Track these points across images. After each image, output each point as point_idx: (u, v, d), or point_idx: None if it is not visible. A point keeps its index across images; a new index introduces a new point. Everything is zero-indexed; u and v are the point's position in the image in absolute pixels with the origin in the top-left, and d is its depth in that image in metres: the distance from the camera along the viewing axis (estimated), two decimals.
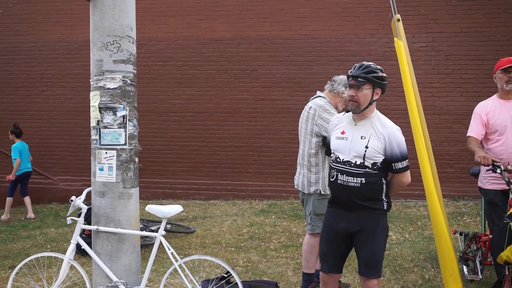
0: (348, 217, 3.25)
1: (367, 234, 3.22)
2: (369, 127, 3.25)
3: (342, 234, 3.29)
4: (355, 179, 3.18)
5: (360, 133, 3.24)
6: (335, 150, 3.31)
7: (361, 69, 3.28)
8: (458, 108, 8.81)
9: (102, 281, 3.83)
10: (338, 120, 3.44)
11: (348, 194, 3.21)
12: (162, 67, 9.78)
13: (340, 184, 3.22)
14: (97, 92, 3.86)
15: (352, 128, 3.28)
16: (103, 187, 3.85)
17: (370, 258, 3.23)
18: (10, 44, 10.25)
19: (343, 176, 3.21)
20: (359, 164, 3.19)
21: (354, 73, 3.27)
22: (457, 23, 8.86)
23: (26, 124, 10.16)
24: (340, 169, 3.24)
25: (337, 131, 3.35)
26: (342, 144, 3.27)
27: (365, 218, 3.22)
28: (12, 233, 7.50)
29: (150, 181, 9.45)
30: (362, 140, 3.21)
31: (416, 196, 8.72)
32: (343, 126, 3.34)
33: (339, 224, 3.27)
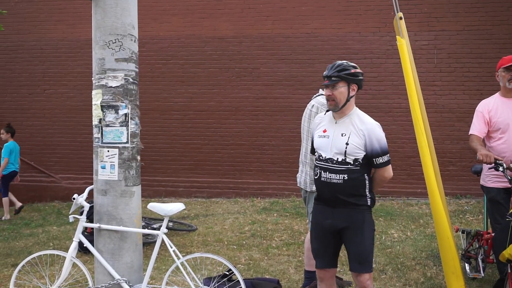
0: (334, 213, 3.30)
1: (354, 230, 3.26)
2: (349, 124, 3.31)
3: (330, 230, 3.33)
4: (337, 175, 3.24)
5: (341, 130, 3.30)
6: (318, 148, 3.38)
7: (333, 68, 3.36)
8: (460, 106, 8.80)
9: (104, 279, 3.84)
10: (320, 119, 3.51)
11: (332, 191, 3.27)
12: (164, 65, 9.79)
13: (324, 181, 3.29)
14: (99, 90, 3.86)
15: (333, 126, 3.35)
16: (105, 185, 3.85)
17: (359, 253, 3.27)
18: (12, 42, 10.26)
19: (326, 173, 3.28)
20: (340, 161, 3.25)
21: (327, 74, 3.35)
22: (460, 21, 8.85)
23: (28, 122, 10.19)
24: (323, 166, 3.30)
25: (320, 129, 3.43)
26: (324, 142, 3.34)
27: (350, 215, 3.27)
28: (14, 231, 7.52)
29: (152, 179, 9.46)
30: (343, 137, 3.27)
31: (418, 194, 8.72)
32: (324, 125, 3.42)
33: (326, 220, 3.33)
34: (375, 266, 5.24)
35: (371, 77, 9.02)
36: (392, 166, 9.92)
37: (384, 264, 5.31)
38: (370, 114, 9.93)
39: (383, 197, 8.83)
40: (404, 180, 8.92)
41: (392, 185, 8.94)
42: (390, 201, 8.54)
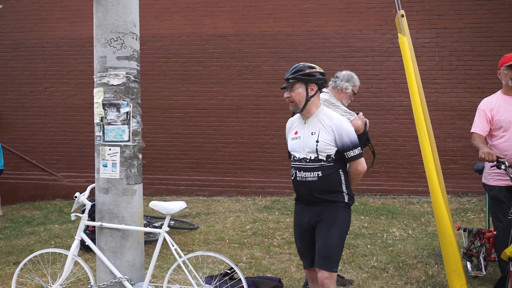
0: (311, 211, 3.36)
1: (324, 225, 3.30)
2: (317, 122, 3.36)
3: (308, 228, 3.39)
4: (312, 173, 3.31)
5: (310, 129, 3.37)
6: (292, 150, 3.45)
7: (290, 71, 3.41)
8: (462, 104, 8.79)
9: (106, 277, 3.85)
10: (291, 122, 3.58)
11: (307, 189, 3.33)
12: (165, 63, 9.78)
13: (300, 180, 3.35)
14: (100, 88, 3.87)
15: (303, 127, 3.42)
16: (107, 183, 3.86)
17: (322, 248, 3.27)
18: (13, 40, 10.26)
19: (301, 172, 3.34)
20: (313, 158, 3.31)
21: (285, 77, 3.42)
22: (462, 19, 8.83)
23: (29, 120, 10.19)
24: (298, 166, 3.37)
25: (292, 132, 3.50)
26: (296, 143, 3.41)
27: (324, 210, 3.32)
28: (16, 229, 7.53)
29: (154, 177, 9.47)
30: (313, 136, 3.33)
31: (419, 193, 8.72)
32: (295, 127, 3.49)
33: (304, 219, 3.39)
34: (376, 265, 5.24)
35: (373, 75, 9.01)
36: (394, 164, 9.89)
37: (385, 263, 5.31)
38: (371, 112, 9.97)
39: (384, 195, 8.82)
40: (406, 178, 8.92)
41: (394, 183, 8.94)
42: (391, 199, 8.53)
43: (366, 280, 4.82)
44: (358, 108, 4.76)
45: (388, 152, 8.98)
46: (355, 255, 5.60)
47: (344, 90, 4.58)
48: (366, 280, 4.80)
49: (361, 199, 8.53)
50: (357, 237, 6.39)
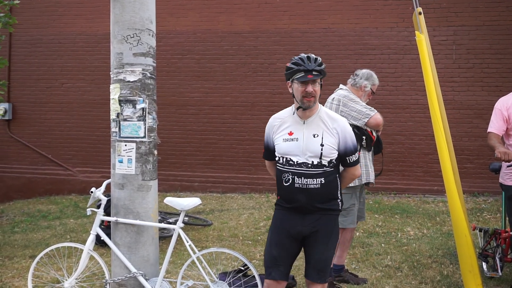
0: (304, 220, 3.08)
1: (321, 236, 3.08)
2: (320, 123, 3.09)
3: (296, 237, 3.12)
4: (314, 180, 3.02)
5: (311, 131, 3.06)
6: (286, 153, 3.08)
7: (313, 62, 3.07)
8: (479, 102, 8.68)
9: (121, 272, 3.87)
10: (280, 121, 3.18)
11: (309, 197, 3.03)
12: (181, 60, 9.81)
13: (298, 187, 3.02)
14: (117, 85, 3.89)
15: (301, 128, 3.09)
16: (123, 179, 3.88)
17: (320, 261, 3.08)
18: (31, 37, 10.37)
19: (301, 179, 3.02)
20: (316, 164, 3.02)
21: (310, 67, 3.04)
22: (479, 16, 8.72)
23: (46, 116, 10.30)
24: (297, 171, 3.03)
25: (283, 132, 3.12)
26: (293, 145, 3.06)
27: (321, 220, 3.08)
28: (32, 223, 7.62)
29: (168, 173, 9.51)
30: (316, 138, 3.04)
31: (434, 192, 8.64)
32: (289, 127, 3.12)
33: (295, 228, 3.09)
34: (390, 264, 5.21)
35: (389, 73, 8.94)
36: (409, 163, 9.82)
37: (400, 262, 5.28)
38: (387, 110, 9.91)
39: (399, 194, 8.76)
40: (421, 177, 8.85)
41: (409, 182, 8.88)
42: (406, 198, 8.47)
43: (380, 279, 4.79)
44: (373, 105, 4.73)
45: (403, 150, 8.92)
46: (369, 254, 5.58)
47: (363, 88, 4.57)
48: (380, 279, 4.78)
49: (376, 197, 8.49)
50: (371, 235, 6.36)
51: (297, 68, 3.05)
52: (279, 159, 3.14)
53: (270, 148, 3.24)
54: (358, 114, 4.33)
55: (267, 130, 3.25)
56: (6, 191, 9.99)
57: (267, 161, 3.40)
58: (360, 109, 4.34)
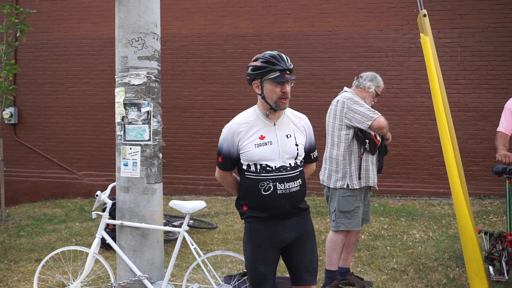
0: (285, 226, 2.89)
1: (306, 239, 2.95)
2: (289, 123, 2.96)
3: (279, 246, 2.92)
4: (295, 183, 2.87)
5: (284, 132, 2.90)
6: (261, 159, 2.83)
7: (289, 61, 2.88)
8: (484, 105, 8.65)
9: (126, 275, 3.88)
10: (246, 125, 2.90)
11: (291, 201, 2.86)
12: (185, 63, 9.83)
13: (281, 194, 2.82)
14: (122, 88, 3.90)
15: (272, 130, 2.89)
16: (128, 182, 3.89)
17: (312, 262, 2.96)
18: (36, 41, 10.41)
19: (283, 184, 2.82)
20: (293, 165, 2.88)
21: (286, 66, 2.83)
22: (484, 18, 8.69)
23: (51, 119, 10.34)
24: (277, 177, 2.82)
25: (253, 137, 2.86)
26: (268, 150, 2.83)
27: (301, 223, 2.94)
28: (38, 227, 7.64)
29: (173, 176, 9.52)
30: (290, 139, 2.89)
31: (440, 194, 8.61)
32: (259, 130, 2.87)
33: (277, 237, 2.89)
34: (396, 267, 5.19)
35: (393, 76, 8.93)
36: (414, 166, 9.80)
37: (405, 265, 5.25)
38: (392, 113, 9.90)
39: (404, 196, 8.74)
40: (426, 180, 8.82)
41: (414, 184, 8.85)
42: (411, 201, 8.44)
43: (385, 282, 4.77)
44: (378, 108, 4.72)
45: (409, 153, 8.89)
46: (374, 257, 5.56)
47: (366, 89, 4.57)
48: (386, 282, 4.76)
49: (381, 200, 8.46)
50: (377, 238, 6.34)
51: (272, 67, 2.82)
52: (248, 167, 2.87)
53: (232, 157, 2.91)
54: (362, 117, 4.32)
55: (227, 138, 2.91)
56: (12, 194, 10.02)
57: (222, 171, 3.05)
58: (363, 112, 4.34)
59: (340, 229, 4.41)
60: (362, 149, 4.39)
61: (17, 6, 8.16)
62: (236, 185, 3.09)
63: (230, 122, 2.97)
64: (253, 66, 2.92)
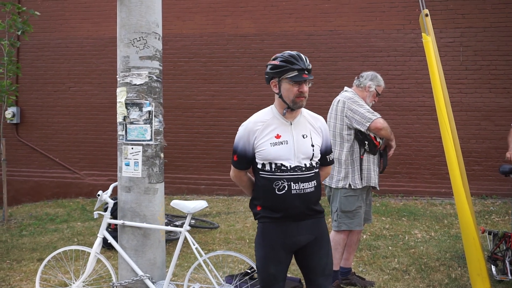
0: (299, 228, 2.87)
1: (321, 242, 2.93)
2: (306, 123, 2.94)
3: (293, 249, 2.90)
4: (310, 183, 2.85)
5: (300, 131, 2.89)
6: (276, 158, 2.82)
7: (307, 61, 2.85)
8: (486, 104, 8.62)
9: (128, 275, 3.88)
10: (262, 124, 2.90)
11: (305, 202, 2.85)
12: (187, 63, 9.83)
13: (295, 194, 2.81)
14: (123, 88, 3.90)
15: (288, 129, 2.88)
16: (129, 182, 3.89)
17: (328, 265, 2.95)
18: (38, 41, 10.43)
19: (298, 184, 2.81)
20: (308, 166, 2.86)
21: (304, 66, 2.81)
22: (486, 18, 8.68)
23: (53, 119, 10.35)
24: (292, 177, 2.81)
25: (269, 136, 2.86)
26: (284, 149, 2.82)
27: (316, 225, 2.93)
28: (40, 227, 7.65)
29: (174, 176, 9.52)
30: (306, 139, 2.88)
31: (442, 194, 8.60)
32: (275, 129, 2.87)
33: (291, 238, 2.87)
34: (398, 267, 5.19)
35: (395, 75, 8.92)
36: (416, 165, 9.79)
37: (407, 265, 5.25)
38: (393, 113, 9.88)
39: (406, 196, 8.73)
40: (428, 180, 8.81)
41: (416, 184, 8.84)
42: (413, 201, 8.44)
43: (387, 282, 4.77)
44: (379, 108, 4.72)
45: (410, 153, 8.88)
46: (376, 257, 5.55)
47: (367, 88, 4.56)
48: (388, 282, 4.76)
49: (383, 200, 8.46)
50: (378, 238, 6.33)
51: (290, 66, 2.80)
52: (263, 166, 2.86)
53: (248, 155, 2.91)
54: (361, 119, 4.32)
55: (243, 136, 2.91)
56: (14, 194, 10.04)
57: (237, 170, 3.04)
58: (362, 113, 4.33)
59: (342, 228, 4.41)
60: (362, 150, 4.39)
61: (19, 5, 8.11)
62: (250, 185, 3.08)
63: (247, 121, 2.96)
64: (272, 65, 2.89)
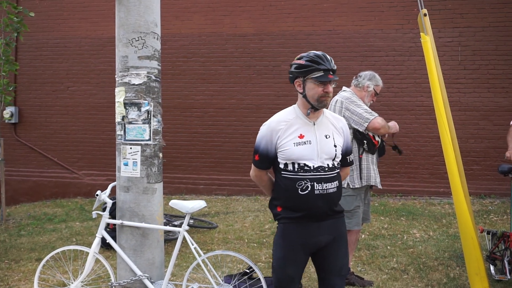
0: (320, 229, 2.86)
1: (340, 242, 2.93)
2: (328, 123, 2.94)
3: (312, 248, 2.89)
4: (332, 184, 2.85)
5: (323, 132, 2.88)
6: (299, 158, 2.81)
7: (332, 61, 2.85)
8: (485, 104, 8.63)
9: (126, 275, 3.88)
10: (285, 124, 2.88)
11: (328, 203, 2.85)
12: (186, 63, 9.83)
13: (318, 194, 2.80)
14: (122, 88, 3.90)
15: (311, 129, 2.87)
16: (128, 182, 3.89)
17: (344, 266, 2.96)
18: (36, 40, 10.41)
19: (321, 184, 2.81)
20: (331, 166, 2.86)
21: (330, 66, 2.81)
22: (485, 17, 8.68)
23: (51, 119, 10.34)
24: (315, 177, 2.80)
25: (292, 136, 2.85)
26: (307, 149, 2.82)
27: (336, 226, 2.93)
28: (38, 226, 7.64)
29: (173, 176, 9.52)
30: (328, 139, 2.87)
31: (440, 194, 8.61)
32: (298, 129, 2.86)
33: (312, 239, 2.86)
34: (396, 266, 5.19)
35: (394, 75, 8.92)
36: (414, 165, 9.79)
37: (406, 264, 5.25)
38: (392, 112, 9.86)
39: (404, 196, 8.73)
40: (427, 179, 8.81)
41: (414, 184, 8.85)
42: (412, 201, 8.44)
43: (386, 281, 4.77)
44: (378, 108, 4.73)
45: (409, 152, 8.88)
46: (374, 256, 5.55)
47: (365, 88, 4.57)
48: (386, 282, 4.76)
49: (381, 199, 8.46)
50: (377, 238, 6.34)
51: (316, 66, 2.79)
52: (286, 166, 2.86)
53: (270, 155, 2.92)
54: (359, 119, 4.33)
55: (266, 136, 2.91)
56: (13, 194, 10.02)
57: (258, 170, 3.06)
58: (360, 113, 4.34)
59: None
60: (361, 149, 4.39)
61: (15, 4, 8.05)
62: (270, 185, 3.07)
63: (269, 120, 2.95)
64: (297, 64, 2.88)
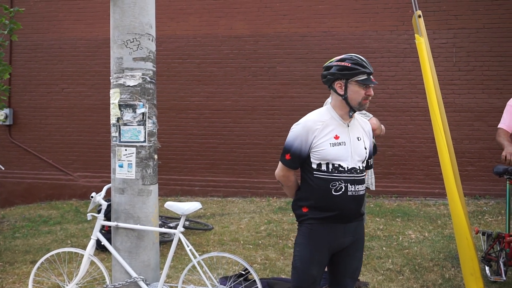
0: (345, 230, 2.88)
1: (359, 244, 2.97)
2: (358, 126, 2.96)
3: (336, 250, 2.91)
4: (362, 186, 2.87)
5: (355, 134, 2.90)
6: (335, 159, 2.81)
7: (370, 65, 2.93)
8: (479, 105, 8.66)
9: (122, 277, 3.87)
10: (322, 124, 2.86)
11: (358, 205, 2.88)
12: (181, 64, 9.82)
13: (351, 195, 2.81)
14: (117, 89, 3.89)
15: (346, 131, 2.87)
16: (123, 183, 3.88)
17: (358, 268, 3.00)
18: (31, 42, 10.38)
19: (354, 186, 2.82)
20: (362, 168, 2.89)
21: (371, 70, 2.90)
22: (479, 19, 8.72)
23: (46, 121, 10.31)
24: (349, 178, 2.81)
25: (328, 136, 2.83)
26: (342, 150, 2.82)
27: (359, 227, 2.96)
28: (33, 229, 7.61)
29: (168, 178, 9.50)
30: (360, 142, 2.90)
31: (436, 195, 8.63)
32: (333, 130, 2.85)
33: (338, 240, 2.87)
34: (392, 267, 5.20)
35: (389, 76, 8.95)
36: (410, 166, 9.82)
37: (401, 265, 5.26)
38: (387, 114, 9.89)
39: (400, 197, 8.75)
40: (422, 180, 8.84)
41: (410, 185, 8.86)
42: (407, 202, 8.46)
43: (381, 282, 4.78)
44: (373, 109, 4.74)
45: (404, 153, 8.91)
46: (370, 257, 5.56)
47: None
48: (382, 283, 4.77)
49: (377, 200, 8.48)
50: (372, 239, 6.35)
51: (362, 70, 2.85)
52: (319, 166, 2.83)
53: (302, 155, 2.86)
54: None
55: (301, 135, 2.86)
56: (7, 196, 9.99)
57: (286, 169, 2.97)
58: None
59: None
60: None
61: (6, 6, 8.01)
62: (296, 186, 3.03)
63: (304, 120, 2.93)
64: (340, 66, 2.90)
